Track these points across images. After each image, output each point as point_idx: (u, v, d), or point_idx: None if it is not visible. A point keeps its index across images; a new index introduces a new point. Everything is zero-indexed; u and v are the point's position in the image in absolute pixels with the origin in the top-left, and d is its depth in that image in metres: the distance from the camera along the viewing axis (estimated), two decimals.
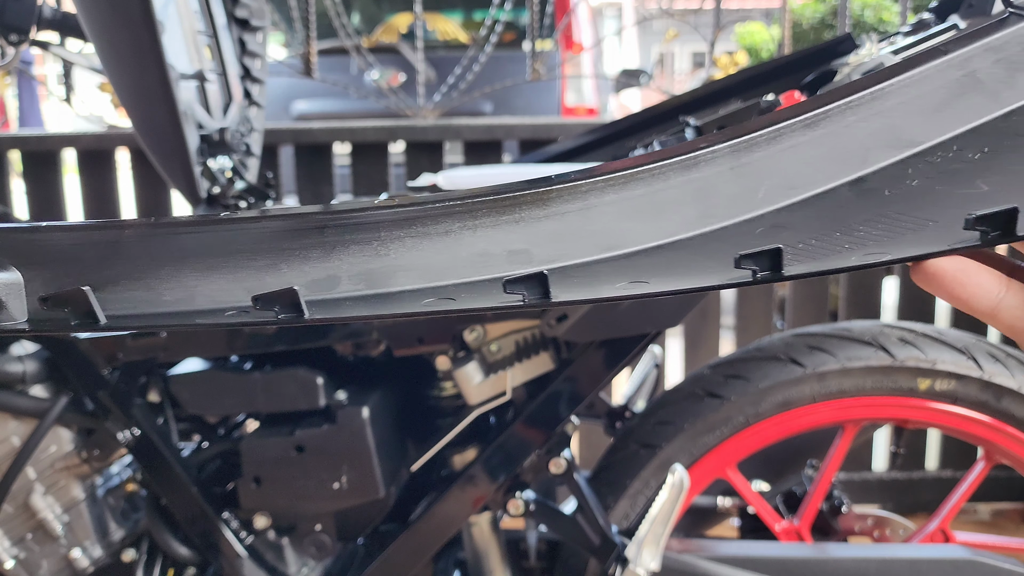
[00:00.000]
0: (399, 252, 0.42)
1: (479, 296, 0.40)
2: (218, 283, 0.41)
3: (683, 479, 0.97)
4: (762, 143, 0.42)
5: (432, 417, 1.13)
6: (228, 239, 0.42)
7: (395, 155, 2.08)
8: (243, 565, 1.02)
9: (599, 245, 0.42)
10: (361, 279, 0.41)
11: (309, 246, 0.42)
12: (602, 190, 0.42)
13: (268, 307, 0.39)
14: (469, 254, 0.42)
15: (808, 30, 5.78)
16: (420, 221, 0.42)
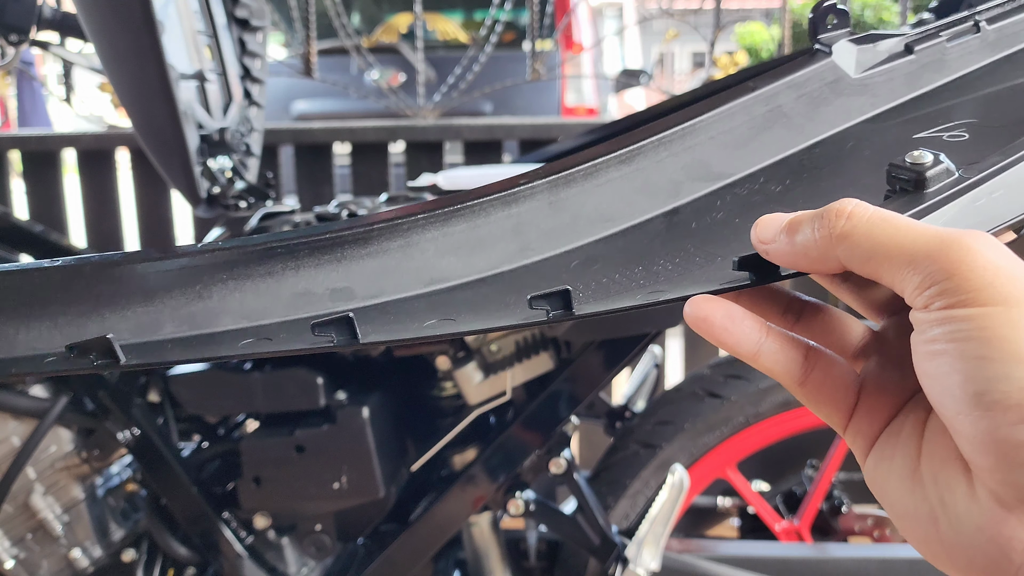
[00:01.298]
0: (222, 294, 0.42)
1: (295, 337, 0.40)
2: (37, 331, 0.42)
3: (683, 479, 0.97)
4: (579, 178, 0.44)
5: (432, 417, 1.13)
6: (47, 286, 0.42)
7: (395, 155, 2.08)
8: (243, 565, 1.02)
9: (419, 280, 0.42)
10: (184, 321, 0.42)
11: (131, 291, 0.42)
12: (423, 227, 0.43)
13: (83, 355, 0.39)
14: (291, 294, 0.42)
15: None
16: (242, 263, 0.42)
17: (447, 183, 1.02)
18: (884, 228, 0.31)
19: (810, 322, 0.40)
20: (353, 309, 0.40)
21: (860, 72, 0.46)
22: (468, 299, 0.41)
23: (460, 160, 2.04)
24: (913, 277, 0.30)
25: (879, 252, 0.31)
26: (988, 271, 0.28)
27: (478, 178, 1.02)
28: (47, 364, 0.40)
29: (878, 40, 0.47)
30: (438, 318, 0.40)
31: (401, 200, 1.06)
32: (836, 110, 0.46)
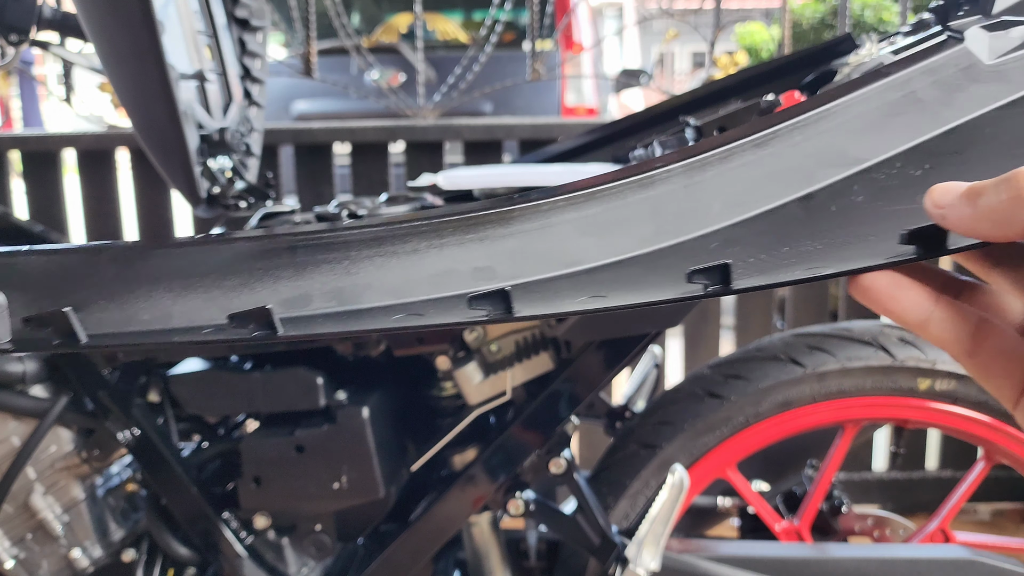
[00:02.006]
0: (368, 271, 0.43)
1: (445, 312, 0.42)
2: (193, 303, 0.43)
3: (683, 479, 0.97)
4: (714, 162, 0.44)
5: (432, 417, 1.13)
6: (202, 260, 0.44)
7: (395, 155, 2.08)
8: (243, 565, 1.02)
9: (559, 262, 0.43)
10: (332, 297, 0.43)
11: (281, 266, 0.43)
12: (562, 209, 0.44)
13: (242, 325, 0.41)
14: (435, 272, 0.43)
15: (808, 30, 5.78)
16: (388, 240, 0.44)
17: (447, 183, 1.02)
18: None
19: (970, 301, 0.40)
20: (479, 294, 0.42)
21: (993, 59, 0.46)
22: (612, 278, 0.42)
23: (460, 160, 2.04)
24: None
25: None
26: None
27: (478, 178, 1.02)
28: (206, 334, 0.42)
29: (1011, 27, 0.48)
30: (587, 295, 0.41)
31: (401, 200, 1.06)
32: (970, 96, 0.46)
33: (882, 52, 0.83)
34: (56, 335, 0.41)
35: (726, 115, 0.92)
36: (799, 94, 0.92)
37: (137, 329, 0.43)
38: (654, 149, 0.95)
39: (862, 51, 0.93)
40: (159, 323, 0.43)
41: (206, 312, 0.43)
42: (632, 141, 1.13)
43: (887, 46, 0.88)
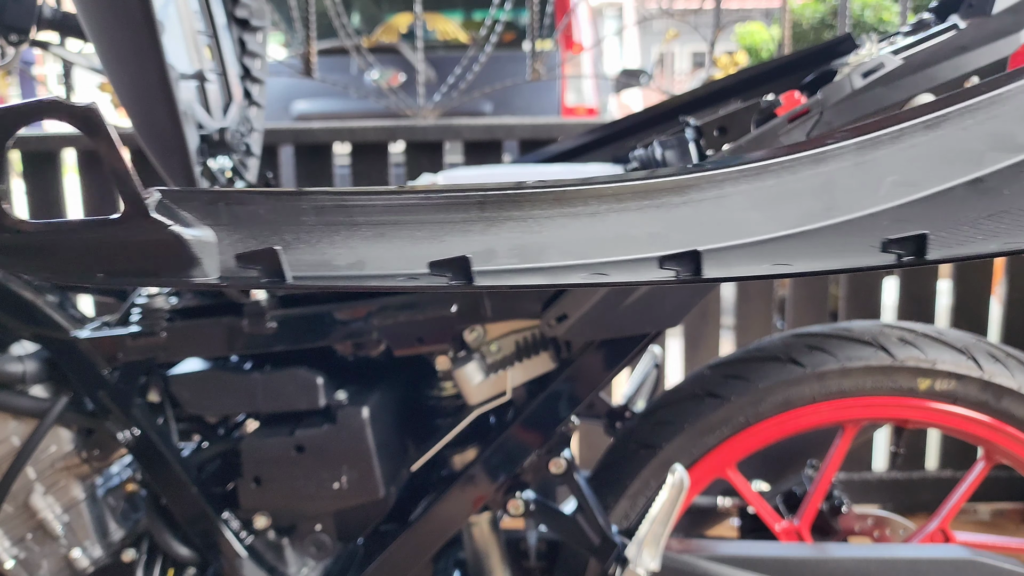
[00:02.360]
0: (551, 229, 0.45)
1: (632, 271, 0.43)
2: (389, 250, 0.44)
3: (683, 479, 0.97)
4: (885, 141, 0.45)
5: (432, 417, 1.13)
6: (398, 209, 0.45)
7: (395, 155, 2.08)
8: (243, 565, 1.02)
9: (732, 231, 0.45)
10: (516, 253, 0.44)
11: (471, 220, 0.45)
12: (735, 180, 0.45)
13: (440, 273, 0.42)
14: (616, 234, 0.44)
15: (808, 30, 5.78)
16: (570, 202, 0.45)
17: (447, 183, 1.02)
18: None
19: None
20: (670, 255, 0.43)
21: None
22: (794, 248, 0.43)
23: (460, 160, 2.04)
24: None
25: None
26: None
27: (478, 178, 1.02)
28: (401, 280, 0.43)
29: None
30: (769, 263, 0.42)
31: None
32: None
33: (882, 52, 0.83)
34: (264, 274, 0.42)
35: (726, 115, 0.92)
36: (799, 94, 0.92)
37: (337, 273, 0.44)
38: (654, 149, 0.95)
39: (862, 51, 0.93)
40: (356, 268, 0.44)
41: (401, 260, 0.44)
42: (632, 141, 1.13)
43: (887, 46, 0.89)
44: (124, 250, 0.40)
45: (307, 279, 0.43)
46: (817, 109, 0.79)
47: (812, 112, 0.80)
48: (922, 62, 0.78)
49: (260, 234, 0.44)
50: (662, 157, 0.94)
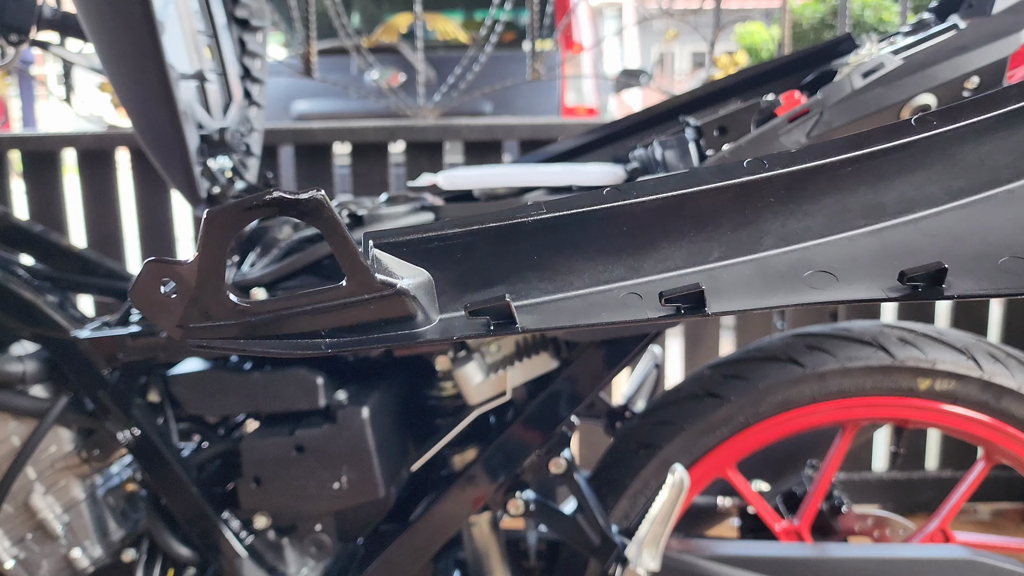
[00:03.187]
0: (767, 219, 0.45)
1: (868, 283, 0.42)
2: (612, 274, 0.43)
3: (683, 479, 0.97)
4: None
5: (432, 417, 1.13)
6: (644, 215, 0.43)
7: (395, 155, 2.08)
8: (243, 565, 1.02)
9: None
10: (731, 248, 0.45)
11: (685, 222, 0.44)
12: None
13: (673, 303, 0.41)
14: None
15: (808, 30, 5.78)
16: (796, 186, 0.43)
17: (447, 183, 1.02)
18: None
19: None
20: (887, 227, 0.42)
21: None
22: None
23: (460, 160, 2.04)
24: None
25: None
26: None
27: (478, 178, 1.02)
28: (641, 319, 0.42)
29: None
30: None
31: (401, 200, 1.05)
32: None
33: (882, 52, 0.83)
34: (494, 319, 0.41)
35: (726, 115, 0.92)
36: (799, 94, 0.92)
37: (564, 300, 0.43)
38: (654, 149, 0.95)
39: (862, 51, 0.93)
40: (586, 310, 0.42)
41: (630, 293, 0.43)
42: (632, 141, 1.13)
43: (887, 46, 0.89)
44: (350, 314, 0.40)
45: (539, 319, 0.42)
46: (817, 109, 0.79)
47: (812, 112, 0.80)
48: (922, 62, 0.77)
49: (480, 276, 0.43)
50: (662, 157, 0.94)
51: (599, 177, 0.99)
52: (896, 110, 0.78)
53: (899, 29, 0.97)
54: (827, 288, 0.42)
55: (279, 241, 1.03)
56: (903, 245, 0.42)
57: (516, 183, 1.00)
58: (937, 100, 0.77)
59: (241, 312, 0.39)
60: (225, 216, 0.36)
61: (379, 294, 0.39)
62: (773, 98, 0.91)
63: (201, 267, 0.37)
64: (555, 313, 0.43)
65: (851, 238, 0.44)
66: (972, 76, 0.77)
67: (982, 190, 0.44)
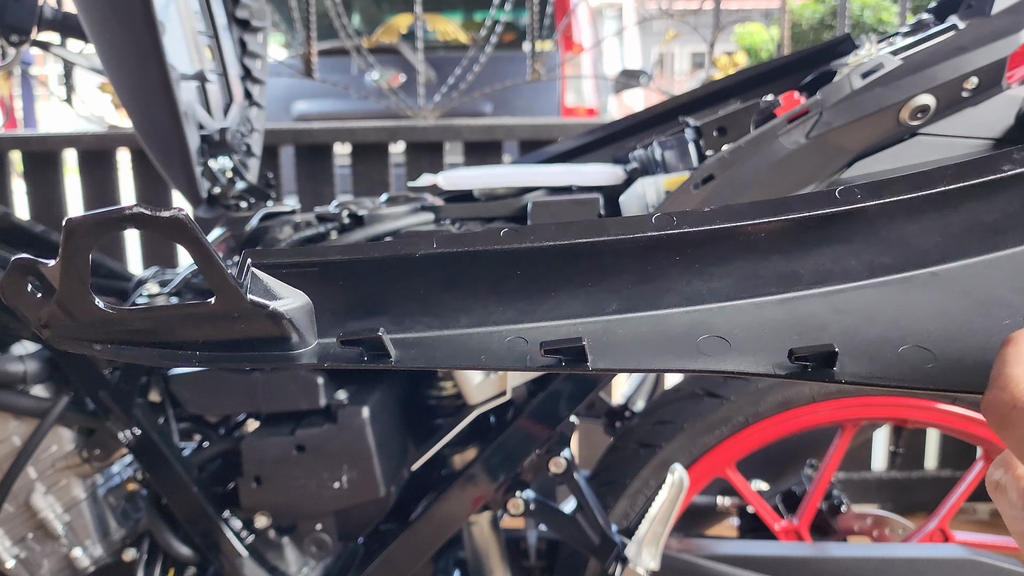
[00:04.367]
0: (670, 277, 0.42)
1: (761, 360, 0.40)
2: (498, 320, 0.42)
3: (683, 478, 0.97)
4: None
5: (432, 417, 1.13)
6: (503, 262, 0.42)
7: (395, 155, 2.09)
8: (243, 564, 1.02)
9: (865, 269, 0.43)
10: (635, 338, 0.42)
11: (584, 271, 0.42)
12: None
13: (554, 354, 0.39)
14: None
15: (807, 30, 5.78)
16: (694, 245, 0.42)
17: (447, 183, 1.02)
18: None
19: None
20: (799, 296, 0.40)
21: None
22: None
23: (460, 160, 2.04)
24: None
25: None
26: None
27: (478, 178, 1.02)
28: (520, 367, 0.40)
29: None
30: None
31: (402, 200, 1.06)
32: None
33: (881, 52, 0.84)
34: (367, 351, 0.40)
35: (726, 115, 0.92)
36: (798, 94, 0.92)
37: (446, 338, 0.42)
38: (654, 149, 0.96)
39: (861, 51, 0.93)
40: (464, 353, 0.41)
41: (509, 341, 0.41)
42: (632, 141, 1.13)
43: (886, 46, 0.89)
44: (221, 330, 0.40)
45: (413, 359, 0.41)
46: (816, 109, 0.80)
47: (811, 112, 0.80)
48: (921, 62, 0.78)
49: (363, 304, 0.42)
50: (662, 157, 0.94)
51: (599, 177, 0.99)
52: (895, 110, 0.78)
53: (898, 29, 0.97)
54: (717, 356, 0.39)
55: (280, 241, 1.03)
56: (811, 319, 0.40)
57: (516, 183, 1.00)
58: (936, 100, 0.77)
59: (107, 317, 0.39)
60: (83, 227, 0.36)
61: (250, 313, 0.39)
62: (772, 98, 0.91)
63: (64, 272, 0.37)
64: (434, 350, 0.41)
65: (759, 305, 0.42)
66: (971, 76, 0.77)
67: (904, 270, 0.41)
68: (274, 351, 0.41)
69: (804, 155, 0.79)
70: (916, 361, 0.37)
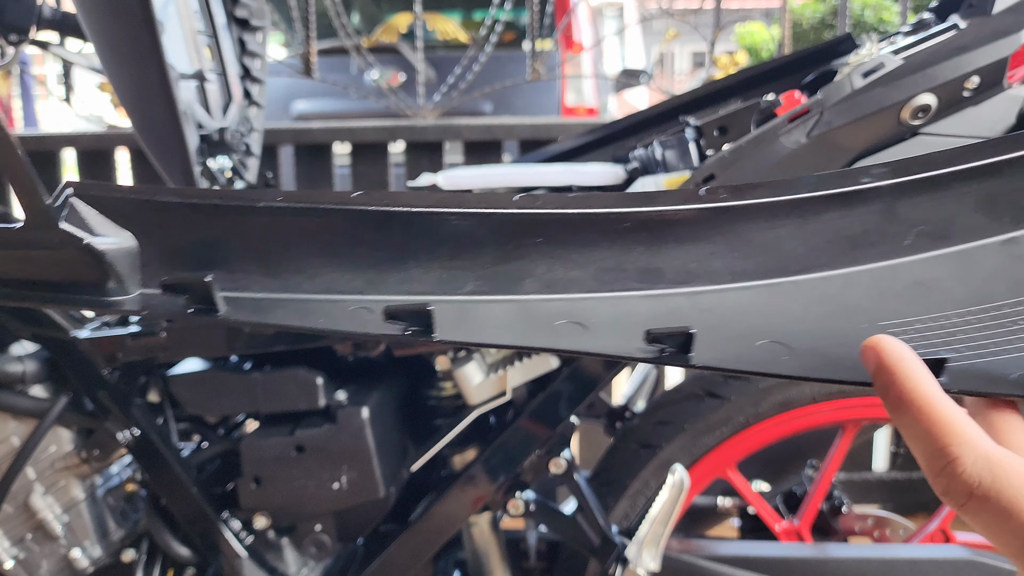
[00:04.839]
0: (532, 257, 0.41)
1: (613, 338, 0.39)
2: (339, 280, 0.39)
3: (683, 479, 0.97)
4: (926, 187, 0.41)
5: (432, 417, 1.13)
6: (351, 230, 0.39)
7: (395, 155, 2.08)
8: (243, 565, 1.02)
9: (727, 272, 0.42)
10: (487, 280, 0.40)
11: (439, 241, 0.39)
12: (750, 217, 0.41)
13: (396, 321, 0.37)
14: (599, 268, 0.41)
15: (808, 30, 5.78)
16: (556, 228, 0.40)
17: (447, 183, 1.02)
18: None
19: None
20: (662, 294, 0.39)
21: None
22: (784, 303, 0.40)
23: (460, 160, 2.04)
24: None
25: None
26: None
27: (478, 178, 1.02)
28: (360, 332, 0.38)
29: None
30: (769, 339, 0.38)
31: None
32: None
33: (882, 52, 0.83)
34: (193, 302, 0.37)
35: (726, 115, 0.92)
36: (799, 94, 0.92)
37: (280, 297, 0.38)
38: (654, 149, 0.95)
39: (862, 51, 0.93)
40: (301, 311, 0.38)
41: (354, 292, 0.39)
42: (632, 141, 1.13)
43: (887, 46, 0.88)
44: (28, 264, 0.35)
45: (244, 311, 0.38)
46: (817, 109, 0.79)
47: (812, 112, 0.80)
48: (922, 62, 0.77)
49: (192, 251, 0.38)
50: (662, 157, 0.94)
51: (599, 177, 0.99)
52: (896, 110, 0.78)
53: (899, 29, 0.97)
54: (573, 337, 0.38)
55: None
56: (673, 315, 0.39)
57: (516, 183, 1.00)
58: (937, 100, 0.77)
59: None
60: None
61: (61, 244, 0.34)
62: (773, 98, 0.91)
63: None
64: (269, 310, 0.38)
65: (621, 299, 0.40)
66: (973, 76, 0.76)
67: (768, 276, 0.41)
68: (87, 295, 0.37)
69: (805, 155, 0.79)
70: (771, 353, 0.37)
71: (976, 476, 0.31)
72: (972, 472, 0.31)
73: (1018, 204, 0.41)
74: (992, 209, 0.41)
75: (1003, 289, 0.39)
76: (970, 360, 0.36)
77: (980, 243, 0.41)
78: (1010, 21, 0.77)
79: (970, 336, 0.37)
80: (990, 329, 0.38)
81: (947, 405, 0.33)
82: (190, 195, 0.38)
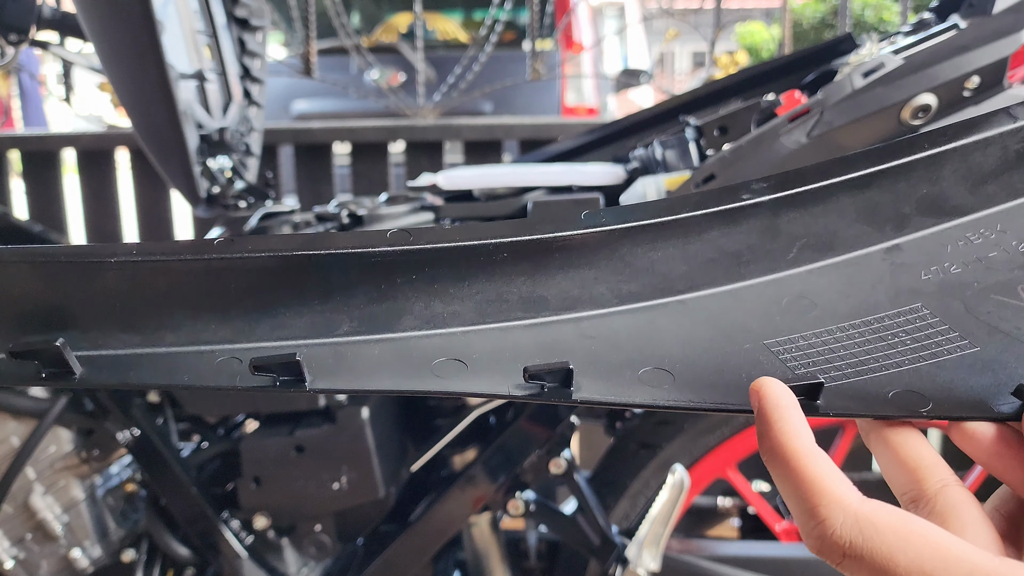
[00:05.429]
0: (407, 295, 0.40)
1: (497, 378, 0.38)
2: (207, 331, 0.38)
3: (683, 479, 0.97)
4: (806, 200, 0.41)
5: (432, 417, 1.12)
6: (219, 282, 0.38)
7: (395, 155, 2.08)
8: (243, 565, 1.02)
9: (614, 296, 0.42)
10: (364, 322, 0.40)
11: (311, 287, 0.38)
12: (633, 240, 0.41)
13: (267, 373, 0.36)
14: (482, 300, 0.40)
15: (808, 30, 5.78)
16: (432, 263, 0.39)
17: (447, 183, 1.02)
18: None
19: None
20: (546, 322, 0.39)
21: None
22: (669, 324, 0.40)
23: (460, 160, 2.04)
24: None
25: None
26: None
27: (478, 178, 1.02)
28: (228, 386, 0.37)
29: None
30: (647, 362, 0.38)
31: (401, 200, 1.05)
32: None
33: (883, 52, 0.83)
34: (45, 366, 0.36)
35: (726, 115, 0.92)
36: (799, 94, 0.91)
37: (146, 353, 0.37)
38: (654, 149, 0.95)
39: (862, 51, 0.92)
40: (160, 369, 0.37)
41: (223, 342, 0.38)
42: (632, 141, 1.13)
43: (888, 46, 0.88)
44: None
45: (104, 374, 0.36)
46: (818, 109, 0.79)
47: (813, 112, 0.80)
48: (923, 62, 0.77)
49: (43, 312, 0.36)
50: (662, 157, 0.94)
51: (599, 177, 0.99)
52: (896, 110, 0.78)
53: (899, 29, 0.97)
54: (452, 378, 0.37)
55: None
56: (557, 344, 0.39)
57: (516, 183, 1.00)
58: (938, 100, 0.77)
59: None
60: None
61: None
62: (774, 98, 0.91)
63: None
64: (131, 368, 0.37)
65: (504, 330, 0.40)
66: (973, 76, 0.76)
67: (652, 297, 0.41)
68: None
69: (805, 154, 0.79)
70: (654, 382, 0.37)
71: (846, 537, 0.31)
72: (842, 533, 0.31)
73: (899, 212, 0.42)
74: (873, 218, 0.42)
75: (885, 299, 0.40)
76: (849, 379, 0.36)
77: (863, 252, 0.42)
78: (1010, 21, 0.77)
79: (851, 352, 0.37)
80: (871, 344, 0.38)
81: (816, 461, 0.32)
82: (34, 254, 0.37)
